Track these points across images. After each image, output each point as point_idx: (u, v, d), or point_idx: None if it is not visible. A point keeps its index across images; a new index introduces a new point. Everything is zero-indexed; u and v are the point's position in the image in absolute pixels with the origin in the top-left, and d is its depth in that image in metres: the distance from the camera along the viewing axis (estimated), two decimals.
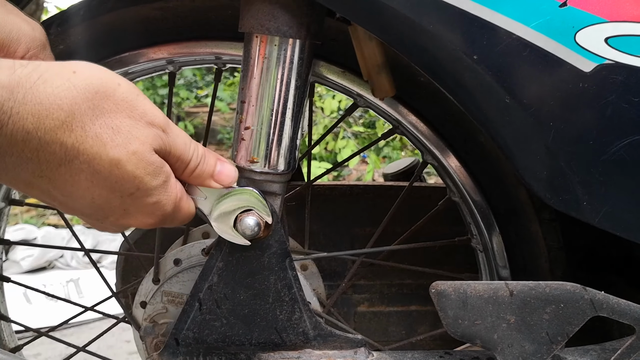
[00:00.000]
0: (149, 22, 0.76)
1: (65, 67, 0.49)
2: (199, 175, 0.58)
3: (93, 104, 0.48)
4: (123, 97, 0.50)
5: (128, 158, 0.50)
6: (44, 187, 0.50)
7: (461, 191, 0.78)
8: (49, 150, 0.47)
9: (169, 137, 0.54)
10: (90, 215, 0.54)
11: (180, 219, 0.59)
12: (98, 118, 0.49)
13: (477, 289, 0.63)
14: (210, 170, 0.59)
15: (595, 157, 0.58)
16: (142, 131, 0.51)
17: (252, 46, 0.64)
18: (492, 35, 0.54)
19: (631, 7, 0.53)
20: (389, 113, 0.77)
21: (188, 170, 0.57)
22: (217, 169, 0.59)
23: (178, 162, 0.56)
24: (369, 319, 1.11)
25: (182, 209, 0.58)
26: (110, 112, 0.49)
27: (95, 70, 0.50)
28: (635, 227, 0.61)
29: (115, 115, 0.50)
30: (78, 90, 0.48)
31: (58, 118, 0.46)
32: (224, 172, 0.60)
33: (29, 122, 0.45)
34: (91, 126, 0.48)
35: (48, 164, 0.48)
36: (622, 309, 0.62)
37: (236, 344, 0.70)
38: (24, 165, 0.48)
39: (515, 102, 0.57)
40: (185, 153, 0.56)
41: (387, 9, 0.55)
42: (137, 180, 0.52)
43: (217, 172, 0.59)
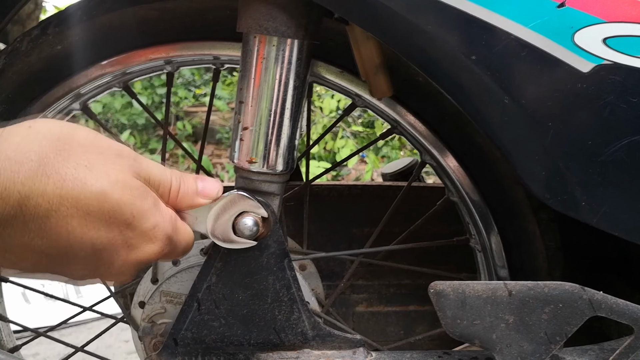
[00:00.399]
0: (146, 22, 0.75)
1: (20, 125, 0.49)
2: (185, 196, 0.58)
3: (59, 148, 0.48)
4: (84, 137, 0.50)
5: (112, 188, 0.50)
6: (39, 250, 0.48)
7: (459, 191, 0.78)
8: (32, 203, 0.46)
9: (142, 165, 0.54)
10: (98, 266, 0.53)
11: (183, 243, 0.59)
12: (69, 160, 0.48)
13: (475, 289, 0.63)
14: (193, 189, 0.59)
15: (594, 158, 0.58)
16: (115, 161, 0.51)
17: (251, 46, 0.64)
18: (490, 36, 0.54)
19: (629, 7, 0.53)
20: (387, 113, 0.77)
21: (172, 194, 0.57)
22: (200, 186, 0.59)
23: (160, 188, 0.56)
24: (368, 319, 1.11)
25: (180, 231, 0.58)
26: (78, 153, 0.49)
27: (48, 121, 0.51)
28: (633, 227, 0.61)
29: (84, 154, 0.49)
30: (40, 140, 0.48)
31: (30, 168, 0.46)
32: (207, 187, 0.60)
33: (3, 177, 0.45)
34: (65, 169, 0.48)
35: (35, 218, 0.47)
36: (620, 309, 0.62)
37: (235, 344, 0.70)
38: (12, 227, 0.46)
39: (514, 103, 0.57)
40: (164, 177, 0.56)
41: (385, 9, 0.55)
42: (129, 206, 0.51)
43: (200, 188, 0.59)
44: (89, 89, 0.80)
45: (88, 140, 0.51)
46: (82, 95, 0.81)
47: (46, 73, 0.78)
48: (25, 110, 0.79)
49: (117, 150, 0.52)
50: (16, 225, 0.46)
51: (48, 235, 0.48)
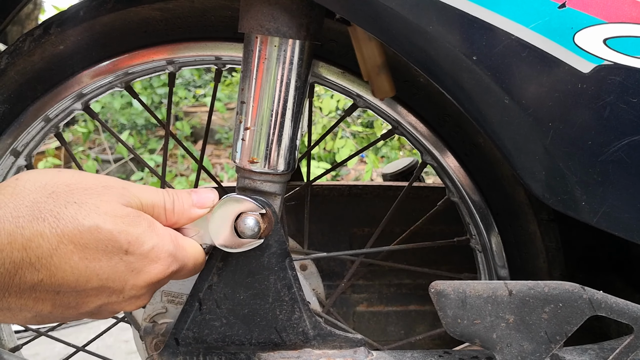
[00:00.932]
0: (148, 23, 0.76)
1: (8, 180, 0.53)
2: (181, 211, 0.59)
3: (47, 192, 0.51)
4: (69, 178, 0.53)
5: (103, 219, 0.52)
6: (51, 289, 0.51)
7: (460, 191, 0.79)
8: (34, 245, 0.49)
9: (131, 191, 0.56)
10: (110, 295, 0.55)
11: (191, 259, 0.60)
12: (58, 201, 0.51)
13: (476, 288, 0.63)
14: (188, 202, 0.60)
15: (594, 158, 0.58)
16: (103, 194, 0.53)
17: (252, 47, 0.64)
18: (491, 36, 0.54)
19: (630, 8, 0.54)
20: (388, 113, 0.77)
21: (168, 213, 0.58)
22: (194, 198, 0.60)
23: (155, 209, 0.57)
24: (368, 318, 1.11)
25: (185, 247, 0.59)
26: (65, 193, 0.52)
27: (32, 172, 0.54)
28: (633, 227, 0.61)
29: (71, 194, 0.52)
30: (30, 189, 0.51)
31: (27, 214, 0.49)
32: (202, 196, 0.61)
33: (7, 225, 0.49)
34: (57, 209, 0.51)
35: (40, 259, 0.50)
36: (620, 309, 0.62)
37: (236, 344, 0.70)
38: (22, 269, 0.49)
39: (514, 103, 0.57)
40: (156, 198, 0.57)
41: (386, 10, 0.55)
42: (123, 234, 0.53)
43: (195, 200, 0.60)
44: (91, 89, 0.80)
45: (73, 179, 0.53)
46: (84, 95, 0.81)
47: (48, 73, 0.78)
48: (28, 110, 0.79)
49: (104, 183, 0.54)
50: (25, 267, 0.49)
51: (55, 273, 0.50)
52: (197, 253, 0.61)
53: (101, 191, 0.53)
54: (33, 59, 0.77)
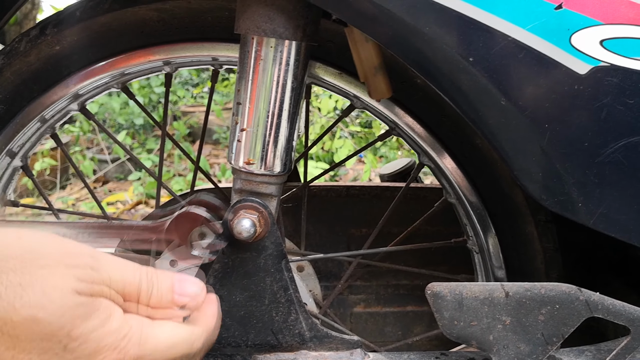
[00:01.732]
0: (145, 23, 0.76)
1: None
2: (159, 302, 0.49)
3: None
4: (27, 248, 0.45)
5: (45, 309, 0.43)
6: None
7: (457, 192, 0.79)
8: None
9: (100, 270, 0.47)
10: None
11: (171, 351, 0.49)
12: (0, 278, 0.43)
13: (472, 290, 0.63)
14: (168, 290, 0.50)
15: (590, 159, 0.58)
16: (59, 274, 0.45)
17: (248, 48, 0.64)
18: (488, 38, 0.54)
19: (626, 9, 0.54)
20: (385, 114, 0.77)
21: (143, 301, 0.49)
22: (176, 289, 0.50)
23: (126, 294, 0.48)
24: (365, 319, 1.11)
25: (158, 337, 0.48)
26: (13, 269, 0.44)
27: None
28: (630, 228, 0.61)
29: (20, 272, 0.44)
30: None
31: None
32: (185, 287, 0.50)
33: None
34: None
35: None
36: (617, 310, 0.62)
37: (232, 346, 0.70)
38: None
39: (511, 104, 0.57)
40: (130, 280, 0.48)
41: (383, 11, 0.55)
42: (65, 328, 0.44)
43: (177, 292, 0.50)
44: (87, 89, 0.80)
45: (32, 252, 0.45)
46: (80, 96, 0.81)
47: (45, 73, 0.78)
48: (24, 110, 0.79)
49: (68, 258, 0.46)
50: None
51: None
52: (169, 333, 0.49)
53: (62, 271, 0.45)
54: (29, 60, 0.77)
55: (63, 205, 3.26)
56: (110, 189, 3.66)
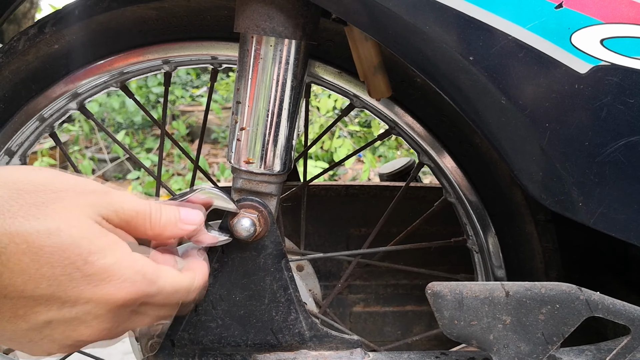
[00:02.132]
0: (144, 22, 0.75)
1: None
2: (167, 223, 0.53)
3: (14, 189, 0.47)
4: (43, 178, 0.48)
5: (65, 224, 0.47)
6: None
7: (457, 192, 0.78)
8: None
9: (111, 201, 0.50)
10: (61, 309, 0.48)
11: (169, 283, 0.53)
12: (22, 200, 0.46)
13: (473, 289, 0.63)
14: (176, 216, 0.54)
15: (591, 159, 0.58)
16: (74, 201, 0.48)
17: (248, 47, 0.64)
18: (488, 37, 0.54)
19: (627, 8, 0.54)
20: (385, 114, 0.77)
21: (154, 221, 0.53)
22: (182, 215, 0.55)
23: (139, 217, 0.52)
24: (365, 319, 1.11)
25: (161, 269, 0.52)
26: (33, 193, 0.47)
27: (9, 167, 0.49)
28: (630, 227, 0.61)
29: (38, 195, 0.47)
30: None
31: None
32: (189, 214, 0.56)
33: None
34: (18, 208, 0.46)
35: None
36: (617, 310, 0.62)
37: (232, 345, 0.70)
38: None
39: (511, 104, 0.57)
40: (141, 206, 0.52)
41: (383, 10, 0.55)
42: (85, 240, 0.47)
43: (183, 217, 0.55)
44: (86, 88, 0.79)
45: (47, 181, 0.48)
46: (79, 95, 0.81)
47: (43, 72, 0.77)
48: (22, 109, 0.79)
49: (81, 188, 0.49)
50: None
51: (2, 272, 0.46)
52: (175, 276, 0.54)
53: (73, 197, 0.48)
54: (27, 58, 0.76)
55: None
56: None
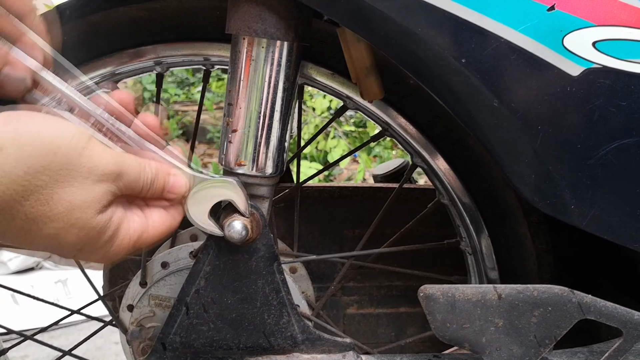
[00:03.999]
0: (136, 22, 0.75)
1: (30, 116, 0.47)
2: (152, 195, 0.57)
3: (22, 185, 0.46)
4: (62, 164, 0.48)
5: (66, 230, 0.49)
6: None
7: (450, 194, 0.78)
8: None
9: (122, 179, 0.52)
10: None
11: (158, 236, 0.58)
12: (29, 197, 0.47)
13: (465, 292, 0.63)
14: (160, 189, 0.58)
15: (583, 161, 0.58)
16: (86, 195, 0.49)
17: (240, 48, 0.63)
18: (480, 39, 0.54)
19: (619, 11, 0.53)
20: (378, 115, 0.76)
21: (141, 195, 0.56)
22: (169, 186, 0.58)
23: (132, 191, 0.55)
24: (358, 321, 1.10)
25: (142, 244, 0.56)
26: (45, 187, 0.47)
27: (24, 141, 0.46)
28: (622, 230, 0.61)
29: (52, 188, 0.47)
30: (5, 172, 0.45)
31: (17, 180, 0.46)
32: (175, 187, 0.59)
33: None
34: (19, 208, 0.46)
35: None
36: (609, 312, 0.62)
37: (224, 349, 0.69)
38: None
39: (503, 106, 0.56)
40: (138, 184, 0.55)
41: (375, 12, 0.55)
42: (78, 245, 0.51)
43: (169, 188, 0.58)
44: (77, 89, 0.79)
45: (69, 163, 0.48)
46: None
47: None
48: None
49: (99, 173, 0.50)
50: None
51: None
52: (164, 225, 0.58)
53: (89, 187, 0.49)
54: None
55: None
56: None
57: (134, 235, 0.55)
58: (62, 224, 0.49)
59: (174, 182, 0.59)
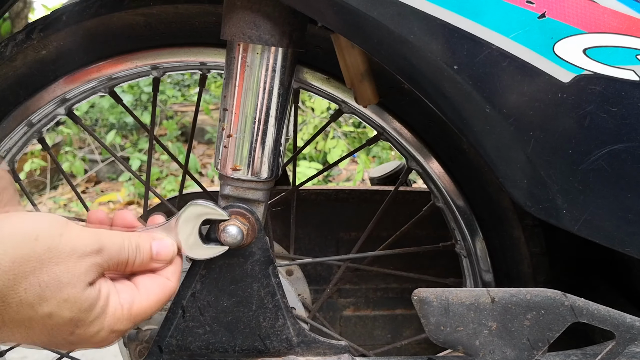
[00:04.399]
0: (132, 28, 0.75)
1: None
2: (141, 266, 0.59)
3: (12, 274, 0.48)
4: (44, 249, 0.50)
5: (60, 306, 0.51)
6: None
7: (445, 197, 0.79)
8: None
9: (104, 253, 0.54)
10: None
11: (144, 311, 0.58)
12: (20, 283, 0.49)
13: (458, 295, 0.63)
14: (147, 257, 0.59)
15: (574, 166, 0.58)
16: (73, 272, 0.51)
17: (235, 54, 0.64)
18: (472, 46, 0.55)
19: (609, 18, 0.54)
20: (373, 120, 0.77)
21: (128, 268, 0.58)
22: (155, 252, 0.60)
23: (119, 265, 0.57)
24: (355, 323, 1.11)
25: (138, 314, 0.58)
26: (33, 272, 0.49)
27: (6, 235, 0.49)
28: (613, 234, 0.62)
29: (40, 272, 0.50)
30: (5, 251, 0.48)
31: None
32: (162, 252, 0.60)
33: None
34: (14, 295, 0.49)
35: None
36: (601, 315, 0.63)
37: (219, 351, 0.70)
38: None
39: (495, 112, 0.57)
40: (122, 256, 0.56)
41: (368, 19, 0.55)
42: (74, 321, 0.52)
43: (155, 253, 0.60)
44: (74, 94, 0.79)
45: (50, 250, 0.50)
46: (67, 100, 0.80)
47: (31, 78, 0.77)
48: (10, 115, 0.79)
49: (81, 252, 0.52)
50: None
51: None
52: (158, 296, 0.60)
53: (73, 265, 0.51)
54: (15, 64, 0.76)
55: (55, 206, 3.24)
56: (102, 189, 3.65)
57: (125, 304, 0.56)
58: (55, 302, 0.51)
59: (159, 246, 0.60)
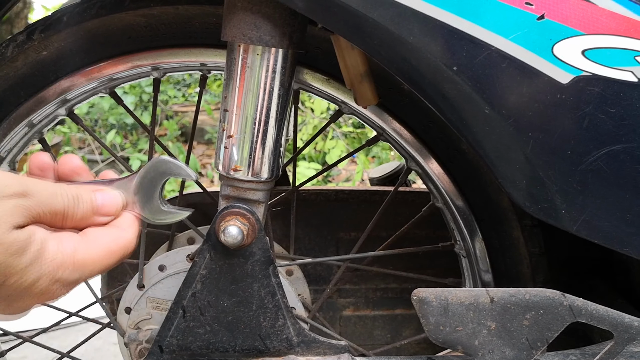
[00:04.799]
0: (133, 29, 0.75)
1: None
2: (83, 218, 0.52)
3: None
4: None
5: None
6: None
7: (444, 197, 0.79)
8: None
9: (32, 198, 0.48)
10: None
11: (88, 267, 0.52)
12: None
13: (458, 295, 0.64)
14: (89, 208, 0.53)
15: (573, 167, 0.59)
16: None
17: (235, 55, 0.64)
18: (472, 47, 0.55)
19: (607, 20, 0.54)
20: (372, 120, 0.77)
21: (68, 220, 0.52)
22: (99, 201, 0.54)
23: (56, 215, 0.51)
24: (355, 323, 1.11)
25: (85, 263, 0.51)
26: None
27: None
28: (612, 234, 0.62)
29: None
30: None
31: None
32: (107, 203, 0.54)
33: None
34: None
35: None
36: (600, 315, 0.63)
37: (220, 351, 0.70)
38: None
39: (495, 113, 0.57)
40: (57, 204, 0.50)
41: (368, 21, 0.55)
42: (2, 267, 0.46)
43: (99, 204, 0.54)
44: (75, 94, 0.80)
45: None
46: (68, 101, 0.81)
47: (32, 78, 0.77)
48: (11, 115, 0.79)
49: (5, 191, 0.47)
50: None
51: None
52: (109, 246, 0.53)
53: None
54: (16, 65, 0.76)
55: None
56: None
57: (67, 250, 0.50)
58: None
59: (104, 198, 0.54)
